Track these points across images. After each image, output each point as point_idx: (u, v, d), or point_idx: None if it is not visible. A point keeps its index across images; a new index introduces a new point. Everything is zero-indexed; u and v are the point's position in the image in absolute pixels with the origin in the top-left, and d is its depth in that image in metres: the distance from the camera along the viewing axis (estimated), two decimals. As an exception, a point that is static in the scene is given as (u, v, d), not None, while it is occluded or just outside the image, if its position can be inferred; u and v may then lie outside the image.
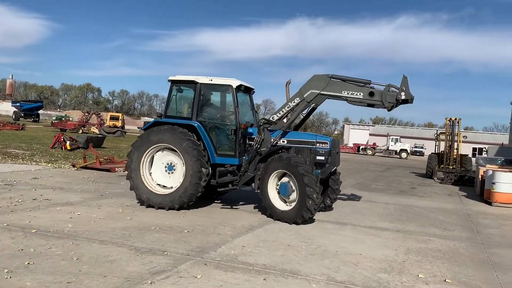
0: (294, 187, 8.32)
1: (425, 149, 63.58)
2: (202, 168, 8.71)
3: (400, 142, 56.47)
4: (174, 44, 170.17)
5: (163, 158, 9.32)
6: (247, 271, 5.46)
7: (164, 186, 9.23)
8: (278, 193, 8.65)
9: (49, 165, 15.20)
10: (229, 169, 9.03)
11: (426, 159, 28.34)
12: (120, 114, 57.75)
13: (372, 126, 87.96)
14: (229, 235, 7.23)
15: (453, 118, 22.35)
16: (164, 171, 9.30)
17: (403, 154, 53.64)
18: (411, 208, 11.67)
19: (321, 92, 9.02)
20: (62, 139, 21.70)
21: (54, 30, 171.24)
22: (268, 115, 9.72)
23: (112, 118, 54.12)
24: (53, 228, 6.86)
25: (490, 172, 13.86)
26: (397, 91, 8.62)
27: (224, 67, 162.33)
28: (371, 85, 8.89)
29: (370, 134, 78.28)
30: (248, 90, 10.21)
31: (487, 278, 5.88)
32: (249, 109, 10.41)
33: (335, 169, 9.58)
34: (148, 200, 9.01)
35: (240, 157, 9.23)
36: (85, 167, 14.88)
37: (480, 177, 15.64)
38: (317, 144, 9.07)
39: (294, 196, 8.36)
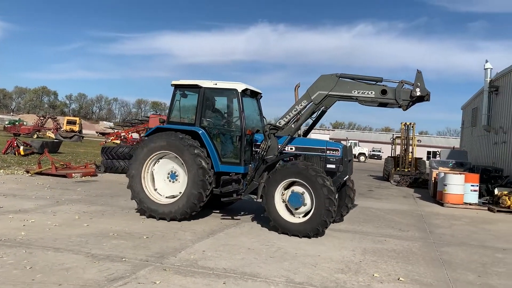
0: (308, 198, 7.86)
1: (382, 152, 65.36)
2: (206, 177, 8.34)
3: (358, 146, 57.94)
4: (135, 47, 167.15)
5: (165, 166, 8.95)
6: (207, 275, 5.47)
7: (166, 196, 8.87)
8: (285, 203, 8.12)
9: (1, 171, 14.59)
10: (233, 177, 8.57)
11: (383, 162, 29.22)
12: (77, 118, 56.04)
13: (332, 130, 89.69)
14: (189, 240, 7.20)
15: (408, 123, 23.22)
16: (167, 180, 8.94)
17: (362, 158, 55.19)
18: (368, 210, 12.01)
19: (330, 93, 8.51)
20: (15, 144, 20.88)
21: (7, 31, 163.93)
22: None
23: (69, 122, 52.45)
24: (5, 236, 6.60)
25: (442, 174, 14.50)
26: (411, 87, 8.14)
27: (187, 71, 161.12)
28: (383, 82, 8.42)
29: (330, 138, 79.65)
30: (255, 95, 9.83)
31: (438, 275, 6.16)
32: (256, 114, 9.99)
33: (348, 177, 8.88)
34: (149, 210, 8.66)
35: (246, 165, 8.82)
36: (40, 173, 14.38)
37: (433, 179, 16.32)
38: (328, 151, 8.57)
39: (305, 208, 7.90)
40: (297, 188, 7.96)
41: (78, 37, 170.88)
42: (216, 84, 8.97)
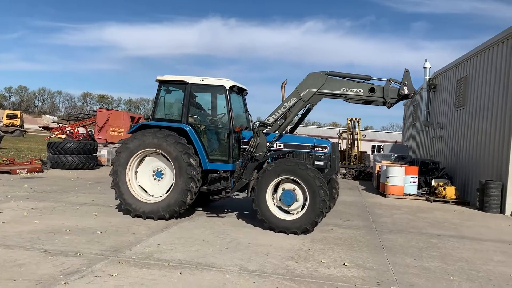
0: (300, 194, 7.95)
1: (330, 147, 67.12)
2: (194, 173, 8.24)
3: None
4: (81, 38, 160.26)
5: (150, 164, 8.76)
6: (163, 267, 5.63)
7: (152, 195, 8.72)
8: (276, 201, 8.14)
9: None
10: (222, 175, 8.55)
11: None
12: (18, 112, 53.32)
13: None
14: (144, 234, 7.30)
15: (353, 119, 24.22)
16: (152, 178, 8.76)
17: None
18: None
19: (319, 91, 8.54)
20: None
21: None
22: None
23: (9, 116, 49.87)
24: (-50, 235, 6.39)
25: (385, 167, 15.37)
26: (398, 86, 8.32)
27: (135, 64, 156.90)
28: (370, 80, 8.53)
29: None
30: (241, 91, 9.74)
31: (379, 260, 6.67)
32: (242, 111, 9.93)
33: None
34: (135, 210, 8.46)
35: (234, 163, 8.79)
36: (-19, 170, 13.74)
37: (376, 172, 17.24)
38: (316, 148, 8.66)
39: (297, 204, 7.98)
40: (289, 185, 8.03)
41: (19, 26, 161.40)
42: (203, 80, 8.84)
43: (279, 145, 8.77)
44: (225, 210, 10.10)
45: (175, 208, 8.32)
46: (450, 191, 14.13)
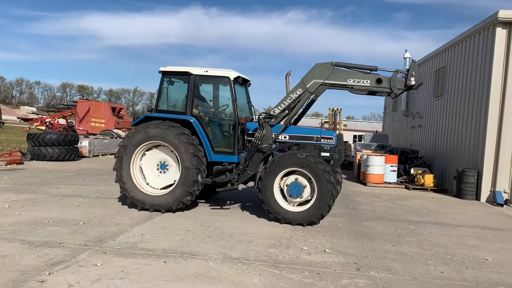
0: (308, 186, 7.97)
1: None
2: (200, 164, 8.20)
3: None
4: (58, 27, 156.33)
5: (154, 156, 8.67)
6: (147, 256, 5.71)
7: (157, 187, 8.64)
8: (283, 193, 8.14)
9: None
10: (227, 167, 8.52)
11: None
12: (-5, 103, 52.10)
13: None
14: (127, 225, 7.34)
15: (335, 109, 24.48)
16: (156, 171, 8.68)
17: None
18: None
19: (325, 82, 8.45)
20: None
21: None
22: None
23: (-15, 107, 48.66)
24: None
25: (365, 156, 15.65)
26: (402, 76, 8.29)
27: (116, 53, 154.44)
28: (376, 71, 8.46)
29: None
30: (244, 82, 9.61)
31: (358, 246, 6.88)
32: (245, 102, 9.78)
33: None
34: (141, 203, 8.40)
35: (239, 155, 8.73)
36: (-42, 162, 13.51)
37: (357, 161, 17.53)
38: (322, 140, 8.67)
39: (304, 196, 7.99)
40: (297, 177, 8.01)
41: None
42: (207, 71, 8.75)
43: (285, 137, 8.75)
44: (228, 202, 10.09)
45: (182, 200, 8.28)
46: (429, 179, 14.49)
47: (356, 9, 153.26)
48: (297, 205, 8.10)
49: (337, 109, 24.54)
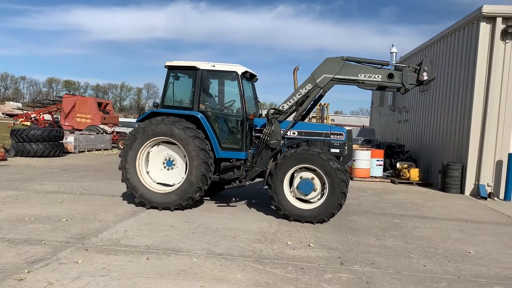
0: (319, 183, 7.84)
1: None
2: (207, 158, 8.04)
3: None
4: (44, 22, 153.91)
5: (160, 153, 8.50)
6: (130, 252, 5.65)
7: (164, 184, 8.47)
8: (294, 190, 7.98)
9: None
10: (235, 164, 8.37)
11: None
12: (-22, 99, 51.20)
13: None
14: (111, 221, 7.26)
15: (323, 103, 24.52)
16: (163, 168, 8.51)
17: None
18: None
19: (336, 77, 8.30)
20: None
21: None
22: (150, 99, 9.19)
23: (-32, 103, 47.80)
24: None
25: (352, 151, 15.68)
26: (414, 72, 8.15)
27: (102, 48, 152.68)
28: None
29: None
30: (251, 77, 9.46)
31: (343, 240, 6.90)
32: (251, 98, 9.62)
33: None
34: (149, 201, 8.23)
35: (247, 151, 8.60)
36: None
37: (344, 155, 17.56)
38: (332, 136, 8.56)
39: (315, 193, 7.88)
40: (308, 174, 7.89)
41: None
42: (214, 66, 8.58)
43: (293, 133, 8.65)
44: (233, 199, 9.97)
45: (191, 196, 8.13)
46: (414, 173, 14.61)
47: (344, 3, 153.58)
48: (307, 202, 7.99)
49: (325, 104, 24.60)
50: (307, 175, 7.90)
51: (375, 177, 15.17)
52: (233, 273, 5.11)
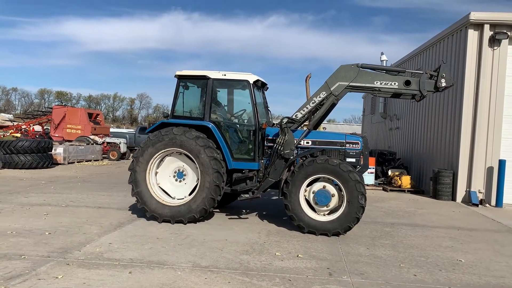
0: (336, 195, 7.58)
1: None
2: (219, 168, 7.81)
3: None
4: (36, 33, 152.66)
5: (170, 164, 8.28)
6: (112, 266, 5.49)
7: (174, 197, 8.26)
8: (308, 201, 7.76)
9: None
10: (248, 175, 8.19)
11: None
12: (-32, 110, 50.75)
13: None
14: (95, 234, 7.09)
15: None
16: (174, 180, 8.30)
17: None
18: (276, 195, 12.57)
19: (351, 84, 8.06)
20: None
21: None
22: (143, 109, 9.02)
23: (-42, 115, 47.30)
24: None
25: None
26: (430, 78, 7.97)
27: (94, 59, 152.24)
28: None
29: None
30: (262, 86, 9.31)
31: (332, 250, 6.77)
32: (262, 107, 9.31)
33: None
34: (161, 215, 7.97)
35: (259, 161, 8.37)
36: None
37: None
38: (347, 145, 8.34)
39: (331, 205, 7.61)
40: (325, 185, 7.65)
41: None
42: (225, 75, 8.42)
43: (307, 142, 8.43)
44: (244, 211, 9.76)
45: (204, 207, 7.89)
46: (406, 181, 14.55)
47: (336, 13, 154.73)
48: (323, 214, 7.76)
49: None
50: (324, 185, 7.65)
51: (367, 185, 15.02)
52: (218, 286, 4.96)
